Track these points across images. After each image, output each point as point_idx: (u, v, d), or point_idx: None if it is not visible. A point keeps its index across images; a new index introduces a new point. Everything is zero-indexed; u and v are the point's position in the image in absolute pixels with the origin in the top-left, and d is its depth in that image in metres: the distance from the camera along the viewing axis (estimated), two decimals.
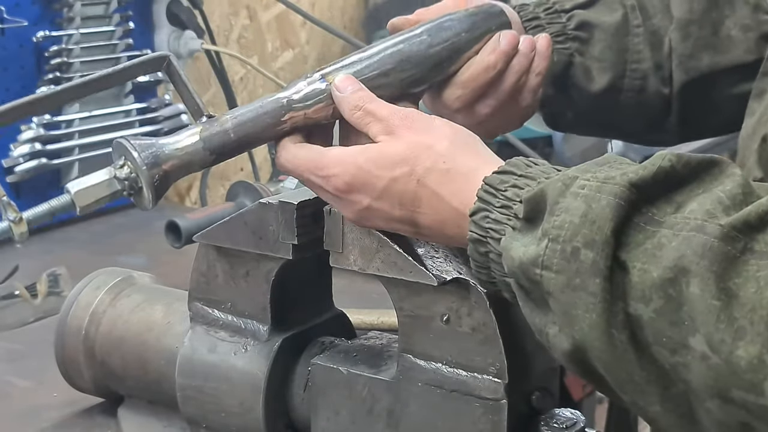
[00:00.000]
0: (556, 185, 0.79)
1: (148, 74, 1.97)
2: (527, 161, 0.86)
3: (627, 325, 0.73)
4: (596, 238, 0.74)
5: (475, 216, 0.85)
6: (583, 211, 0.75)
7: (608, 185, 0.75)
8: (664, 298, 0.71)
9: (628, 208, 0.74)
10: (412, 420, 0.97)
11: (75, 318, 1.20)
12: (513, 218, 0.82)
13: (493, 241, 0.84)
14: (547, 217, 0.78)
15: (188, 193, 2.39)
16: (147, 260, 1.78)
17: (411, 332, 0.97)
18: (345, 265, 0.98)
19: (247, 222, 1.03)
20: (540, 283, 0.78)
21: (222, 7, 2.41)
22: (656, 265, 0.72)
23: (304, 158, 0.95)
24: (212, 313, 1.10)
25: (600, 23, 1.17)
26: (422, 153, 0.90)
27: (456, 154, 0.90)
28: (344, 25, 2.78)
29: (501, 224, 0.83)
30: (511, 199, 0.83)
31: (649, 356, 0.73)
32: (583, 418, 0.96)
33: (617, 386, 0.77)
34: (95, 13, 2.00)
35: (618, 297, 0.73)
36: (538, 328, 0.81)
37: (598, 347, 0.75)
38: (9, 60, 1.89)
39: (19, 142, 1.90)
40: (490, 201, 0.84)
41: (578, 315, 0.75)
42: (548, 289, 0.77)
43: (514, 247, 0.80)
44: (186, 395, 1.10)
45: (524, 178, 0.84)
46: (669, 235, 0.72)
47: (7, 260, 1.75)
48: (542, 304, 0.79)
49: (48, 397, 1.28)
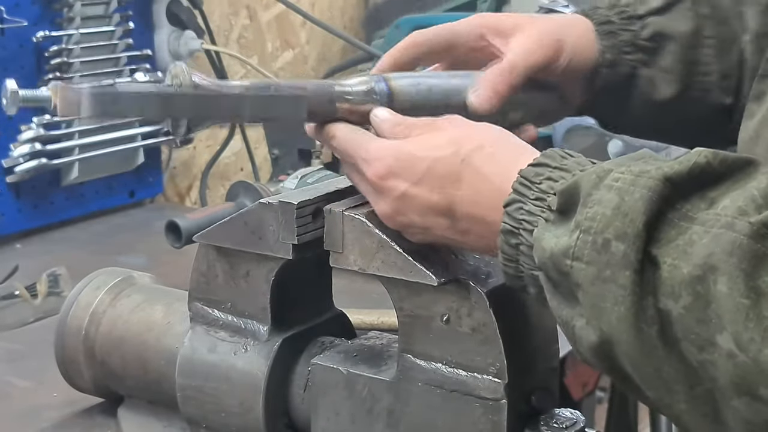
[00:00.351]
0: (590, 177, 0.79)
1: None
2: (562, 153, 0.86)
3: (656, 320, 0.73)
4: (628, 230, 0.74)
5: (509, 207, 0.85)
6: (616, 203, 0.75)
7: (642, 179, 0.75)
8: (693, 295, 0.71)
9: (662, 202, 0.74)
10: (412, 420, 0.97)
11: (75, 318, 1.20)
12: (546, 210, 0.82)
13: (526, 233, 0.83)
14: (580, 209, 0.78)
15: (188, 193, 2.39)
16: (147, 260, 1.78)
17: (411, 332, 0.97)
18: (345, 265, 0.98)
19: (247, 222, 1.03)
20: (569, 275, 0.77)
21: (222, 7, 2.41)
22: (686, 261, 0.72)
23: (353, 140, 0.96)
24: (212, 313, 1.10)
25: (673, 34, 1.14)
26: (468, 138, 0.91)
27: (501, 143, 0.91)
28: (344, 25, 2.78)
29: (534, 216, 0.83)
30: (545, 192, 0.83)
31: (677, 353, 0.73)
32: (583, 418, 0.96)
33: (643, 382, 0.76)
34: (95, 13, 2.00)
35: (648, 292, 0.73)
36: (564, 321, 0.81)
37: (626, 341, 0.74)
38: (9, 60, 1.89)
39: (19, 142, 1.90)
40: (524, 193, 0.84)
41: (607, 307, 0.75)
42: (578, 281, 0.77)
43: (546, 238, 0.80)
44: (186, 395, 1.10)
45: (559, 171, 0.84)
46: (700, 231, 0.72)
47: (7, 260, 1.76)
48: (570, 297, 0.79)
49: (48, 397, 1.28)
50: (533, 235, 0.82)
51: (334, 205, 0.99)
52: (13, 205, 1.94)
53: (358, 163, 0.95)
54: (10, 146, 1.90)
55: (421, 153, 0.91)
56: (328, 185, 1.05)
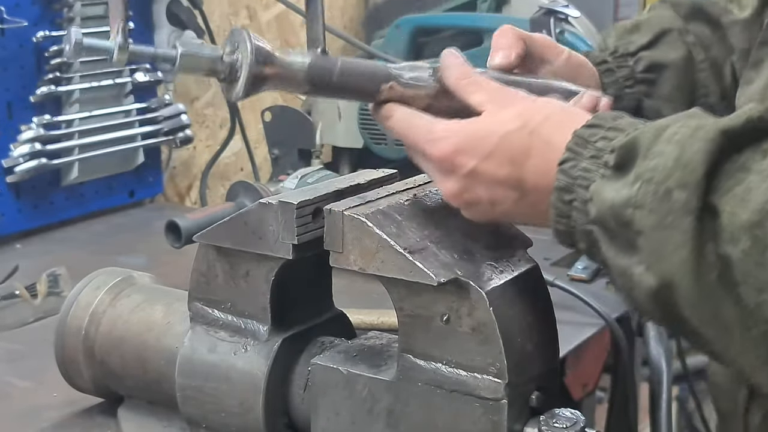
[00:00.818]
0: (648, 133, 0.82)
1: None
2: (614, 115, 0.89)
3: (716, 266, 0.77)
4: (689, 180, 0.77)
5: (564, 165, 0.87)
6: (676, 155, 0.79)
7: (701, 132, 0.79)
8: (752, 239, 0.75)
9: (719, 154, 0.78)
10: (412, 420, 0.97)
11: (75, 318, 1.20)
12: (602, 167, 0.85)
13: (581, 189, 0.86)
14: (640, 161, 0.81)
15: (188, 193, 2.39)
16: (147, 260, 1.78)
17: (411, 332, 0.97)
18: (345, 265, 0.98)
19: (247, 222, 1.03)
20: (630, 224, 0.80)
21: (222, 7, 2.41)
22: (744, 208, 0.76)
23: (416, 123, 0.96)
24: (212, 313, 1.10)
25: (668, 62, 1.21)
26: (535, 110, 0.92)
27: (566, 113, 0.93)
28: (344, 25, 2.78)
29: (590, 172, 0.85)
30: (601, 150, 0.86)
31: (735, 296, 0.76)
32: (583, 418, 0.96)
33: (701, 325, 0.79)
34: (95, 13, 2.00)
35: (708, 238, 0.77)
36: (621, 270, 0.83)
37: (686, 285, 0.78)
38: (9, 60, 1.89)
39: (19, 142, 1.90)
40: (579, 151, 0.87)
41: (668, 252, 0.78)
42: (639, 228, 0.80)
43: (606, 191, 0.83)
44: (186, 395, 1.10)
45: (613, 130, 0.86)
46: (757, 180, 0.76)
47: (7, 260, 1.76)
48: (628, 246, 0.82)
49: (48, 397, 1.28)
50: (590, 189, 0.85)
51: (334, 205, 0.99)
52: (13, 205, 1.94)
53: (420, 145, 0.95)
54: (10, 146, 1.90)
55: (489, 129, 0.92)
56: (328, 185, 1.05)
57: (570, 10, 2.13)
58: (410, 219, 0.99)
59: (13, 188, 1.93)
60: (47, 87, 1.92)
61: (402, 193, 1.04)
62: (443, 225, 1.00)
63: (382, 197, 1.02)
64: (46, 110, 1.93)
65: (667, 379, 1.57)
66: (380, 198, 1.02)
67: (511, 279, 0.97)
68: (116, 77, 2.05)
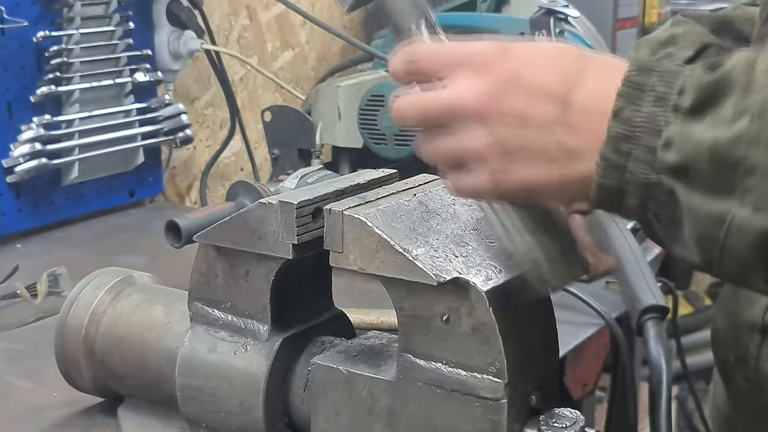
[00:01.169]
0: (738, 68, 0.77)
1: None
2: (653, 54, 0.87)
3: None
4: None
5: (621, 112, 0.80)
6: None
7: None
8: None
9: None
10: (412, 420, 0.97)
11: (75, 318, 1.21)
12: (672, 111, 0.79)
13: (647, 136, 0.80)
14: (741, 96, 0.76)
15: (188, 193, 2.39)
16: (147, 260, 1.78)
17: (411, 332, 0.97)
18: (345, 265, 0.98)
19: (247, 222, 1.03)
20: (739, 163, 0.75)
21: (222, 7, 2.41)
22: None
23: (446, 48, 0.90)
24: (212, 313, 1.10)
25: None
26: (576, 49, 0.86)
27: (606, 61, 0.87)
28: (344, 25, 2.78)
29: (658, 117, 0.79)
30: (666, 92, 0.80)
31: None
32: (583, 418, 0.96)
33: None
34: (95, 13, 2.00)
35: None
36: (716, 217, 0.78)
37: None
38: (9, 60, 1.89)
39: (19, 142, 1.90)
40: (638, 96, 0.80)
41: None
42: (752, 165, 0.75)
43: (697, 132, 0.78)
44: (186, 395, 1.10)
45: (668, 74, 0.80)
46: None
47: (7, 260, 1.76)
48: (726, 189, 0.77)
49: (48, 397, 1.28)
50: (668, 134, 0.79)
51: (334, 205, 0.99)
52: (13, 205, 1.94)
53: (455, 53, 0.87)
54: (10, 146, 1.90)
55: (542, 47, 0.85)
56: (328, 185, 1.05)
57: (570, 10, 2.13)
58: (410, 219, 0.99)
59: (14, 188, 1.93)
60: (47, 87, 1.92)
61: (402, 193, 1.04)
62: (443, 225, 1.00)
63: (382, 197, 1.03)
64: (46, 110, 1.93)
65: (667, 379, 1.57)
66: (380, 198, 1.02)
67: (511, 279, 0.97)
68: (116, 77, 2.05)
